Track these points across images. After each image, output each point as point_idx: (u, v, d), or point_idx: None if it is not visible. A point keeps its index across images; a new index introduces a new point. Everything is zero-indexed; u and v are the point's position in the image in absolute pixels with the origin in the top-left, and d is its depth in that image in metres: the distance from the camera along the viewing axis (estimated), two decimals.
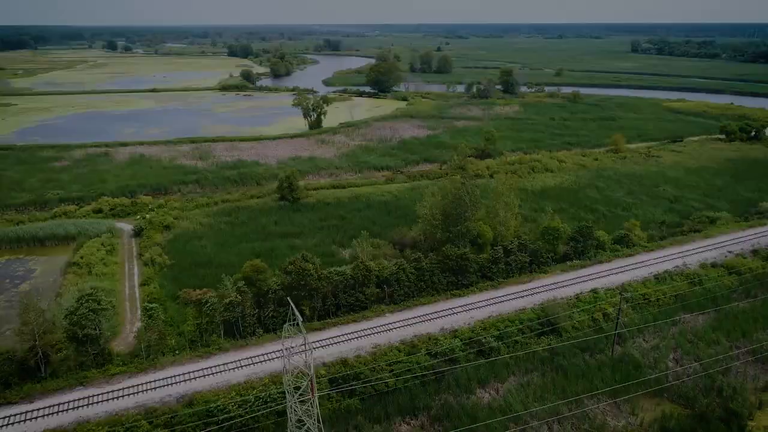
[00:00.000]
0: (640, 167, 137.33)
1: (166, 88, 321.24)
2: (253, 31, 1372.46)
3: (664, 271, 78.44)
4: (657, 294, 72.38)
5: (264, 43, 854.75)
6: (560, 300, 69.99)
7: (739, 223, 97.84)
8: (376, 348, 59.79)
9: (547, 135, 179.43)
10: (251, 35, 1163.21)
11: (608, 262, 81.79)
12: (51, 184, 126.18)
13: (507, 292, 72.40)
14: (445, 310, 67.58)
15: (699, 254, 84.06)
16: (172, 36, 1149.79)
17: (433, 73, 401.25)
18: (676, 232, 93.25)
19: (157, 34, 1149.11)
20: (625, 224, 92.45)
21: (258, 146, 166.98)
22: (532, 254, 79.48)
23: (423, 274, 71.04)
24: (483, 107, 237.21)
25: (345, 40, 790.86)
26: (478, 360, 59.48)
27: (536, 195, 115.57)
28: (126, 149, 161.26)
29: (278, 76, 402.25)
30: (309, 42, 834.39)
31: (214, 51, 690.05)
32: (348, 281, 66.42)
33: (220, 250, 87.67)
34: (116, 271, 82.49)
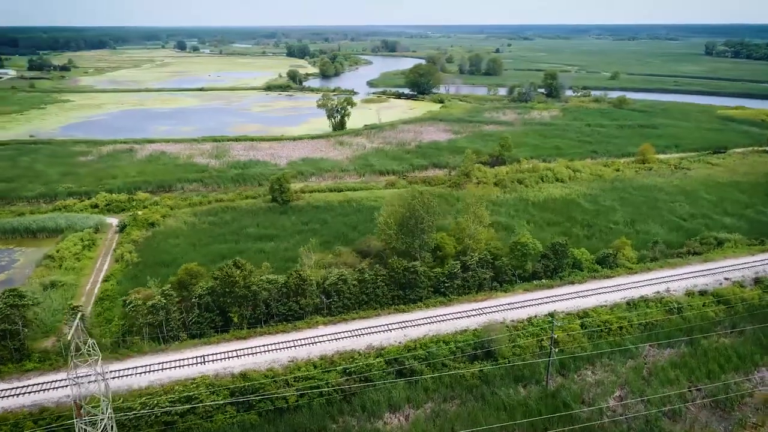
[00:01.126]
0: (663, 180, 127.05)
1: (214, 87, 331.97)
2: (319, 32, 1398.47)
3: (641, 296, 71.47)
4: (621, 322, 65.92)
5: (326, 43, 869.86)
6: (510, 322, 65.20)
7: (752, 246, 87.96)
8: (292, 361, 57.67)
9: (576, 142, 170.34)
10: (316, 36, 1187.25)
11: (580, 283, 75.53)
12: (68, 177, 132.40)
13: (456, 310, 68.19)
14: (381, 325, 64.41)
15: (688, 280, 76.05)
16: (240, 36, 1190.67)
17: (482, 75, 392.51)
18: (672, 254, 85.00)
19: (227, 35, 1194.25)
20: (615, 243, 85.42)
21: (276, 146, 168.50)
22: (496, 270, 74.68)
23: (366, 286, 68.11)
24: (519, 111, 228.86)
25: (403, 41, 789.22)
26: (398, 381, 56.14)
27: (537, 207, 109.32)
28: (150, 146, 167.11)
29: (326, 76, 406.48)
30: (368, 43, 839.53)
31: (275, 51, 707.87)
32: (281, 290, 64.56)
33: (190, 250, 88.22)
34: (87, 265, 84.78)
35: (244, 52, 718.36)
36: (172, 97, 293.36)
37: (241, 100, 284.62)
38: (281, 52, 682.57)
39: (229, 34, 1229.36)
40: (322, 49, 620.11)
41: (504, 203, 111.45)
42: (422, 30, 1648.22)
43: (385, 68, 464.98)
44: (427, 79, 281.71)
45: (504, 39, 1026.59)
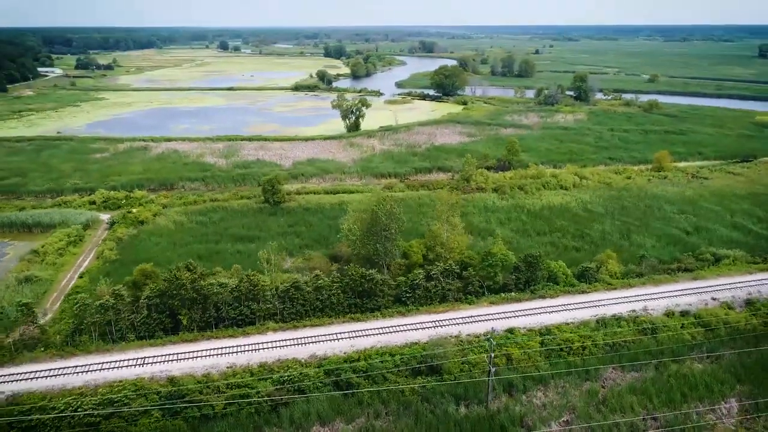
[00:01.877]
0: (675, 190, 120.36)
1: (243, 87, 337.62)
2: (361, 32, 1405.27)
3: (613, 315, 67.34)
4: (584, 341, 62.20)
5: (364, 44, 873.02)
6: (466, 336, 62.56)
7: (753, 264, 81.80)
8: (230, 367, 56.91)
9: (593, 148, 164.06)
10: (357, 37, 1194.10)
11: (552, 298, 71.88)
12: (78, 173, 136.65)
13: (413, 321, 65.94)
14: (330, 334, 62.89)
15: (671, 298, 71.24)
16: (284, 37, 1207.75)
17: (514, 77, 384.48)
18: (662, 270, 79.91)
19: (272, 35, 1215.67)
20: (599, 256, 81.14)
21: (287, 147, 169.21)
22: (464, 281, 71.98)
23: (321, 292, 66.73)
24: (542, 115, 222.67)
25: (441, 42, 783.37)
26: (333, 393, 54.54)
27: (531, 215, 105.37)
28: (165, 144, 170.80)
29: (357, 77, 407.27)
30: (405, 44, 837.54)
31: (313, 52, 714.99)
32: (233, 294, 63.94)
33: (169, 250, 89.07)
34: (69, 261, 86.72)
35: (283, 53, 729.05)
36: (201, 96, 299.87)
37: (267, 99, 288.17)
38: (319, 53, 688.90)
39: (273, 35, 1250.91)
40: (359, 50, 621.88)
41: (498, 210, 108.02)
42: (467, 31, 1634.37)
43: (419, 69, 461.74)
44: (452, 80, 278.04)
45: (548, 40, 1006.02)
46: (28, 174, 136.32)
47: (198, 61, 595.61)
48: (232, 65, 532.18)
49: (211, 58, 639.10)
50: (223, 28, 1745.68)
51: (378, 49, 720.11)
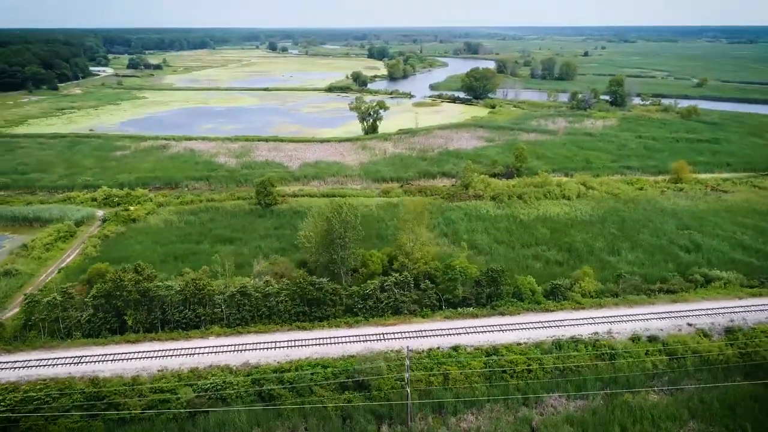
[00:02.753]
0: (687, 203, 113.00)
1: (279, 87, 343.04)
2: (411, 33, 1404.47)
3: (572, 336, 63.44)
4: (531, 363, 58.81)
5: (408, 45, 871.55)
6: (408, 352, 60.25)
7: (745, 289, 75.49)
8: (161, 371, 57.09)
9: (614, 155, 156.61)
10: (406, 38, 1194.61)
11: (512, 315, 68.52)
12: (92, 170, 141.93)
13: (358, 332, 64.32)
14: (270, 342, 62.14)
15: (642, 322, 66.51)
16: (334, 38, 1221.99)
17: (554, 79, 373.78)
18: (642, 290, 74.83)
19: (323, 36, 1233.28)
20: (576, 272, 76.92)
21: (301, 148, 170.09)
22: (421, 294, 69.68)
23: (269, 299, 66.09)
24: (570, 120, 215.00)
25: (486, 44, 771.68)
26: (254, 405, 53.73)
27: (522, 225, 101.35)
28: (184, 143, 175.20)
29: (394, 79, 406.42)
30: (452, 45, 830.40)
31: (358, 53, 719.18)
32: (178, 297, 64.22)
33: (150, 249, 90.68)
34: (54, 256, 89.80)
35: (329, 53, 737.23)
36: (236, 96, 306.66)
37: (298, 100, 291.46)
38: (363, 54, 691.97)
39: (324, 36, 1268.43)
40: (402, 51, 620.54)
41: (488, 219, 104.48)
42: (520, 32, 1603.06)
43: (459, 71, 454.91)
44: (482, 83, 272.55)
45: (603, 42, 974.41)
46: (48, 169, 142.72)
47: (245, 61, 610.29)
48: (275, 65, 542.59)
49: (258, 59, 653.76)
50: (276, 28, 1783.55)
51: (422, 51, 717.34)
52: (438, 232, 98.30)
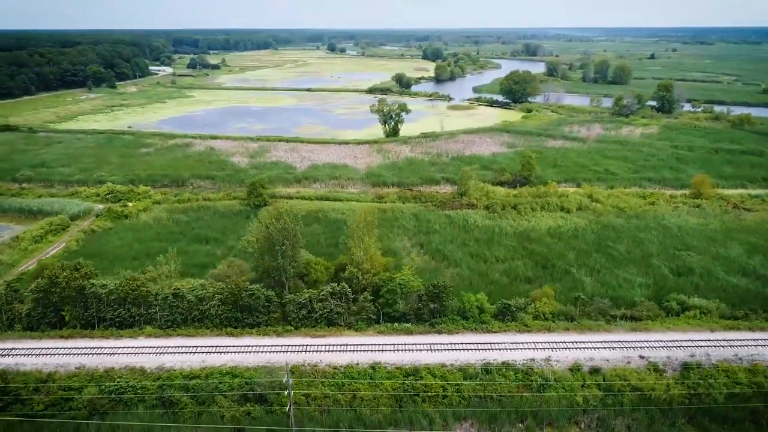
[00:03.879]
0: (700, 221, 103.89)
1: (322, 88, 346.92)
2: (472, 34, 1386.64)
3: (504, 361, 59.33)
4: (448, 388, 55.36)
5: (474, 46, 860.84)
6: (325, 366, 58.54)
7: (723, 320, 68.08)
8: (79, 369, 58.15)
9: (637, 166, 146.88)
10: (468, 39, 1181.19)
11: (450, 334, 64.96)
12: (110, 167, 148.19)
13: (282, 342, 62.99)
14: (192, 346, 61.92)
15: (588, 351, 61.26)
16: (393, 38, 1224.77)
17: (606, 83, 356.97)
18: (605, 314, 69.06)
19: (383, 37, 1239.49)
20: (535, 292, 72.17)
21: (317, 149, 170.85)
22: (360, 306, 67.53)
23: (203, 302, 66.03)
24: (607, 127, 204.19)
25: (550, 45, 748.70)
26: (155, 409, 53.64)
27: (507, 237, 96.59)
28: (206, 142, 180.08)
29: (441, 81, 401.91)
30: (511, 46, 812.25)
31: (413, 54, 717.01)
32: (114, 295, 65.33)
33: (127, 246, 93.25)
34: (40, 249, 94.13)
35: (385, 54, 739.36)
36: (277, 96, 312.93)
37: (336, 101, 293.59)
38: (419, 55, 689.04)
39: (387, 37, 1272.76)
40: (456, 53, 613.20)
41: (472, 229, 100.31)
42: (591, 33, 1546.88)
43: None
44: (522, 86, 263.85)
45: (677, 44, 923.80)
46: (72, 164, 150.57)
47: (300, 62, 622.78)
48: (329, 66, 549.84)
49: (314, 60, 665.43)
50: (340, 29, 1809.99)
51: (479, 52, 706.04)
52: (414, 241, 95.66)
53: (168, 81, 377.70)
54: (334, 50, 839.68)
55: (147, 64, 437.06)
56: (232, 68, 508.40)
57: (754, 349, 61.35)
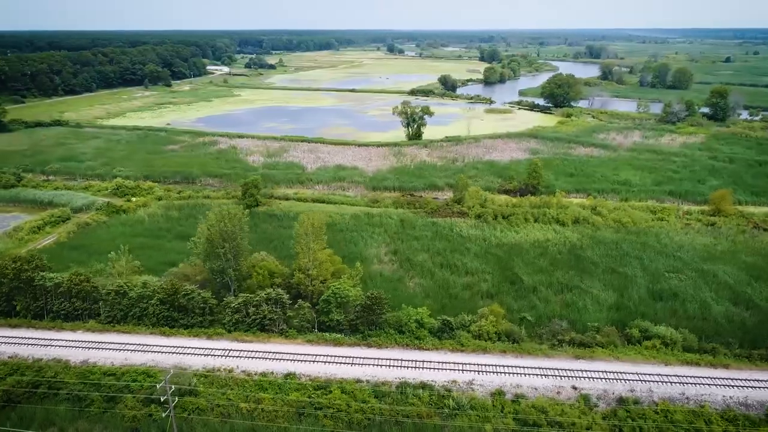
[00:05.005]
0: (708, 240, 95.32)
1: (365, 89, 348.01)
2: (538, 35, 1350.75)
3: (423, 382, 56.44)
4: (350, 405, 53.20)
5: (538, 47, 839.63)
6: (240, 373, 57.98)
7: (686, 353, 61.74)
8: (12, 358, 60.57)
9: (664, 178, 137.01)
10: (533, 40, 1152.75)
11: (379, 348, 62.65)
12: (131, 162, 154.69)
13: (209, 346, 62.84)
14: (121, 343, 63.05)
15: (517, 376, 57.27)
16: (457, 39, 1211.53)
17: (666, 88, 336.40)
18: (554, 338, 64.38)
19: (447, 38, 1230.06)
20: (483, 309, 68.45)
21: (334, 150, 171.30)
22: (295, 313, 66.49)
23: (143, 300, 67.16)
24: (646, 135, 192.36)
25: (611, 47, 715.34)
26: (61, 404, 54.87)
27: (487, 249, 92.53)
28: (231, 141, 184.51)
29: (489, 83, 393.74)
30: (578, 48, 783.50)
31: (470, 55, 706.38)
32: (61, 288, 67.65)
33: (111, 240, 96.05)
34: (35, 239, 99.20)
35: (442, 56, 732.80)
36: (318, 97, 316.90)
37: (374, 102, 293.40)
38: (477, 56, 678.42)
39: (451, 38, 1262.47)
40: (514, 54, 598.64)
41: (453, 239, 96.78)
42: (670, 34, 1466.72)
43: None
44: (564, 90, 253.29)
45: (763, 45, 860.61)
46: (96, 158, 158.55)
47: (356, 62, 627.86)
48: (382, 67, 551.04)
49: (371, 60, 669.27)
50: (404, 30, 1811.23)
51: (539, 54, 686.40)
52: (391, 248, 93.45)
53: (221, 80, 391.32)
54: (393, 51, 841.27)
55: (205, 63, 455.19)
56: (287, 68, 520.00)
57: (707, 388, 55.19)
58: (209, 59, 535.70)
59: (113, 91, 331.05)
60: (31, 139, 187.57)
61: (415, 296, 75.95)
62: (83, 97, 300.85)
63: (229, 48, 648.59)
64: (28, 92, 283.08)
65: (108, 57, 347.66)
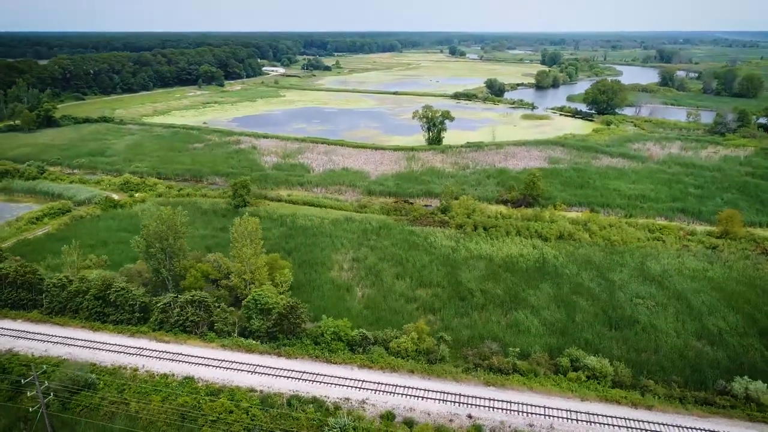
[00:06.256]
0: (700, 265, 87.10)
1: (408, 92, 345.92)
2: (614, 37, 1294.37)
3: (316, 397, 54.86)
4: (235, 413, 52.44)
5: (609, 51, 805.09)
6: (144, 372, 58.79)
7: (613, 391, 56.41)
8: None
9: (683, 194, 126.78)
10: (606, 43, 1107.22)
11: (288, 357, 61.69)
12: (151, 158, 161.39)
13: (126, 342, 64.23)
14: (48, 335, 65.60)
15: (413, 399, 54.51)
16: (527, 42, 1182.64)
17: (732, 95, 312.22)
18: (474, 361, 60.75)
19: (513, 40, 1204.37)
20: (405, 326, 65.82)
21: (348, 153, 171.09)
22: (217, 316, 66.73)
23: (79, 294, 69.57)
24: (687, 146, 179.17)
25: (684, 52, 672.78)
26: None
27: (452, 261, 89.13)
28: (254, 141, 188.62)
29: (541, 88, 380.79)
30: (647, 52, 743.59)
31: (532, 59, 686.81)
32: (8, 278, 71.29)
33: (94, 233, 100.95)
34: (31, 229, 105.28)
35: (503, 59, 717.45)
36: (359, 99, 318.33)
37: (413, 105, 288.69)
38: (539, 59, 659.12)
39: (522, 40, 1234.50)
40: (576, 58, 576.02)
41: (425, 248, 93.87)
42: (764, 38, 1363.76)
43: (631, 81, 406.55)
44: (607, 96, 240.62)
45: None
46: (119, 154, 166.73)
47: (414, 65, 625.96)
48: (439, 70, 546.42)
49: (429, 63, 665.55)
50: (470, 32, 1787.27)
51: (606, 58, 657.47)
52: (357, 254, 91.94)
53: (272, 81, 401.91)
54: (454, 53, 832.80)
55: (262, 64, 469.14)
56: (342, 70, 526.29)
57: (615, 430, 50.10)
58: (269, 60, 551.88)
59: (168, 90, 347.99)
60: (76, 134, 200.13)
61: (355, 306, 74.30)
62: (138, 96, 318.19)
63: (290, 49, 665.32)
64: (89, 90, 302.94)
65: (167, 58, 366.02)
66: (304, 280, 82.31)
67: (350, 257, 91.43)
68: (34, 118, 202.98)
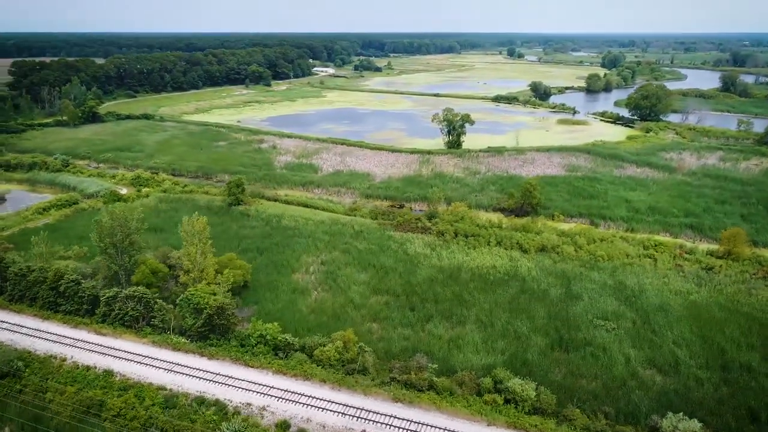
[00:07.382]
0: (689, 287, 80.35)
1: (450, 94, 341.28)
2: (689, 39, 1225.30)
3: (219, 400, 54.65)
4: (137, 408, 53.10)
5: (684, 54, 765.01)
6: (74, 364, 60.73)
7: (522, 416, 52.78)
8: None
9: (700, 209, 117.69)
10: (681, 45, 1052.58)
11: (210, 358, 61.51)
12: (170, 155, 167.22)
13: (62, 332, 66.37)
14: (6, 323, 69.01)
15: (312, 409, 53.07)
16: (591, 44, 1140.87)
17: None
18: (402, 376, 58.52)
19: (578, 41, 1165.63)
20: (334, 334, 64.45)
21: (364, 155, 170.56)
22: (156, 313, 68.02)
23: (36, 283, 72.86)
24: (726, 157, 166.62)
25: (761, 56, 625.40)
26: None
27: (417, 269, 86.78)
28: (276, 140, 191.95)
29: (591, 92, 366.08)
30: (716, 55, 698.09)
31: (592, 61, 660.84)
32: None
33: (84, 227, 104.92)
34: (37, 219, 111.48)
35: (561, 61, 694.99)
36: (397, 100, 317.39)
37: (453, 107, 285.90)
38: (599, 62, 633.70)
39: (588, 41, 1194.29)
40: (639, 61, 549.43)
41: (396, 254, 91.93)
42: None
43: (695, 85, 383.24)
44: (650, 102, 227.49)
45: None
46: (147, 149, 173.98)
47: (467, 67, 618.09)
48: (492, 72, 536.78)
49: (484, 64, 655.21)
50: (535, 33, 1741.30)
51: (673, 60, 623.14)
52: (325, 258, 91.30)
53: (317, 81, 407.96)
54: (513, 55, 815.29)
55: (313, 64, 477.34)
56: (392, 71, 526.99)
57: None
58: (321, 61, 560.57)
59: (216, 89, 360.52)
60: (115, 130, 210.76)
61: (303, 311, 73.69)
62: (186, 94, 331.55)
63: (345, 50, 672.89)
64: (141, 88, 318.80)
65: (217, 57, 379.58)
66: (265, 281, 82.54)
67: (320, 260, 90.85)
68: (78, 114, 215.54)
